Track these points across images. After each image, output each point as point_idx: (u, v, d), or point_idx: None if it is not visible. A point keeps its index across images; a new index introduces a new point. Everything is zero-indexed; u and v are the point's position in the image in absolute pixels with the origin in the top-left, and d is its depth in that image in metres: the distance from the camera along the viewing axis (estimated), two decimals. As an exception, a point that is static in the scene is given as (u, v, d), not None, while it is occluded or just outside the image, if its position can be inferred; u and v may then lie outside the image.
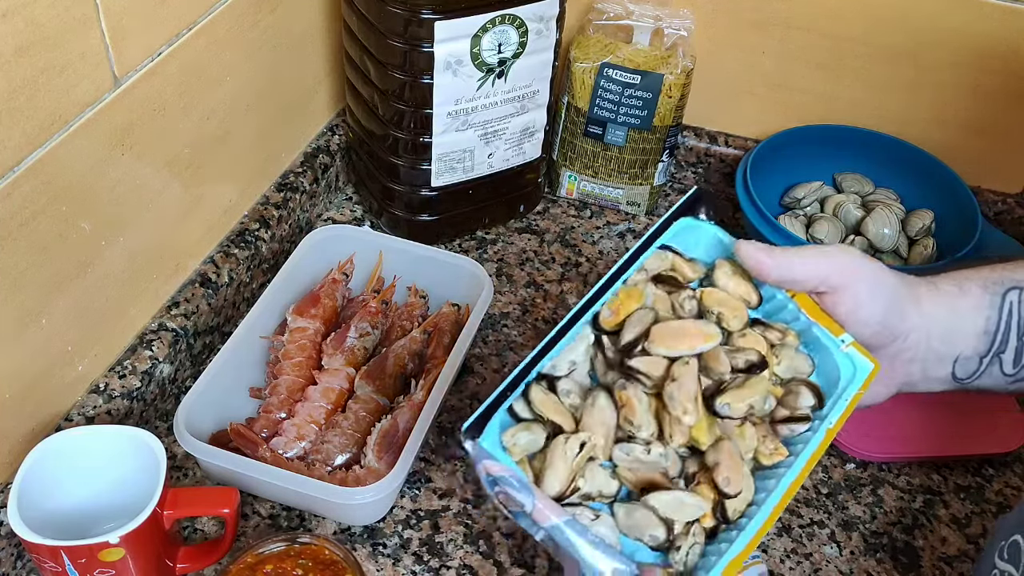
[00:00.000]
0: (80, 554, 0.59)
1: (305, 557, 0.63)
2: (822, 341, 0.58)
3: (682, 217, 0.61)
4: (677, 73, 0.93)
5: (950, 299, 0.61)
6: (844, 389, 0.57)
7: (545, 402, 0.54)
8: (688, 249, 0.62)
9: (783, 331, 0.59)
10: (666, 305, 0.59)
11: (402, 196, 0.93)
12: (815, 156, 0.99)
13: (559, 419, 0.54)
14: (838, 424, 0.56)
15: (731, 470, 0.53)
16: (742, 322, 0.58)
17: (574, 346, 0.57)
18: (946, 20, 0.91)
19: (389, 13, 0.80)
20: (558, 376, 0.56)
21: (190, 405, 0.71)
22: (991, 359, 0.61)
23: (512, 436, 0.53)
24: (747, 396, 0.54)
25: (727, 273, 0.59)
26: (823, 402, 0.57)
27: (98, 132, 0.66)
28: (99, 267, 0.70)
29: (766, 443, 0.55)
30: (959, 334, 0.61)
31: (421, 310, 0.87)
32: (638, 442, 0.54)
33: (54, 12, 0.59)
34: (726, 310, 0.58)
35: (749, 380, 0.55)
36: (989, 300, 0.60)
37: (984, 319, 0.60)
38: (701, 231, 0.62)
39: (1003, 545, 0.55)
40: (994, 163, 0.99)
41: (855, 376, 0.58)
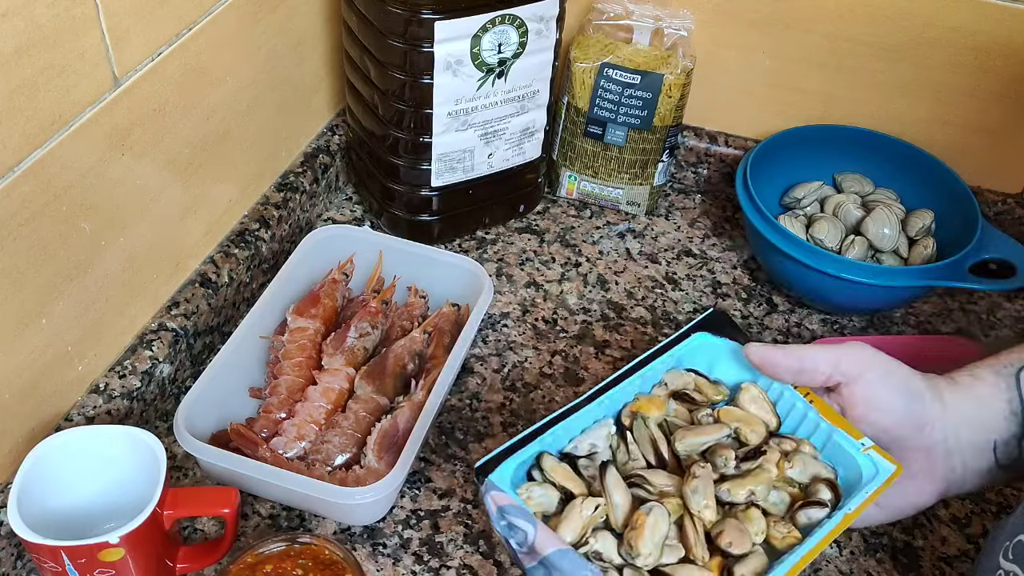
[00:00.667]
0: (80, 554, 0.59)
1: (305, 557, 0.63)
2: (843, 447, 0.60)
3: (700, 331, 0.65)
4: (677, 73, 0.93)
5: (968, 389, 0.62)
6: (867, 486, 0.58)
7: (556, 469, 0.58)
8: (709, 365, 0.66)
9: (798, 441, 0.61)
10: (686, 419, 0.62)
11: (402, 196, 0.93)
12: (815, 156, 0.99)
13: (571, 486, 0.57)
14: (856, 511, 0.57)
15: (734, 536, 0.55)
16: (760, 437, 0.61)
17: (594, 431, 0.61)
18: (946, 20, 0.91)
19: (389, 13, 0.80)
20: (579, 456, 0.60)
21: (190, 405, 0.71)
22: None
23: (527, 490, 0.57)
24: (747, 483, 0.57)
25: (751, 397, 0.63)
26: (840, 498, 0.59)
27: (98, 132, 0.66)
28: (99, 267, 0.70)
29: (778, 527, 0.57)
30: (988, 420, 0.61)
31: (421, 310, 0.87)
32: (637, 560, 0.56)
33: (54, 12, 0.59)
34: (743, 425, 0.61)
35: (749, 472, 0.58)
36: (1005, 383, 0.62)
37: (1006, 402, 0.61)
38: (719, 348, 0.65)
39: (1008, 545, 0.55)
40: (994, 163, 0.99)
41: (877, 475, 0.59)
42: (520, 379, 0.85)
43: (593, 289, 0.94)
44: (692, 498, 0.56)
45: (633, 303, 0.93)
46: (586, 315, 0.91)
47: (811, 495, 0.59)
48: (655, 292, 0.95)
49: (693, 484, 0.57)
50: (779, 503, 0.59)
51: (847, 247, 0.93)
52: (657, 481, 0.58)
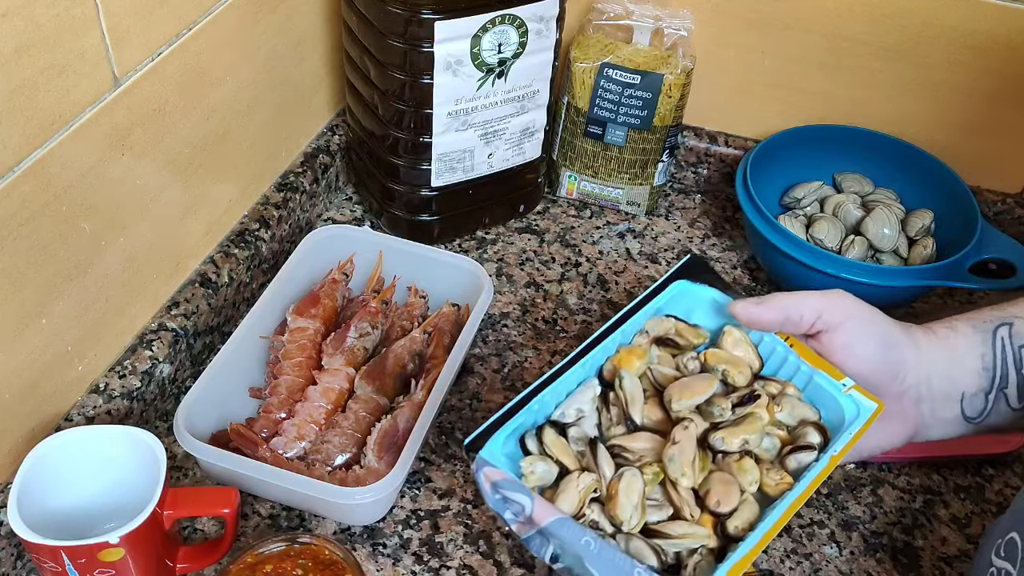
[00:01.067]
0: (80, 554, 0.59)
1: (305, 557, 0.63)
2: (824, 388, 0.62)
3: (678, 280, 0.66)
4: (677, 73, 0.93)
5: (945, 340, 0.64)
6: (850, 426, 0.60)
7: (556, 444, 0.59)
8: (687, 313, 0.66)
9: (783, 383, 0.62)
10: (670, 364, 0.63)
11: (402, 196, 0.93)
12: (815, 156, 0.99)
13: (567, 461, 0.58)
14: (842, 452, 0.59)
15: (721, 493, 0.56)
16: (746, 379, 0.62)
17: (581, 394, 0.61)
18: (946, 20, 0.91)
19: (389, 13, 0.80)
20: (567, 423, 0.60)
21: (190, 405, 0.71)
22: (996, 395, 0.63)
23: (530, 464, 0.58)
24: (740, 432, 0.58)
25: (734, 340, 0.64)
26: (828, 440, 0.60)
27: (98, 132, 0.66)
28: (99, 267, 0.70)
29: (771, 475, 0.58)
30: (959, 372, 0.63)
31: (421, 310, 0.87)
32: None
33: (54, 12, 0.59)
34: (730, 367, 0.62)
35: (744, 419, 0.59)
36: (981, 338, 0.64)
37: (979, 356, 0.63)
38: (697, 294, 0.66)
39: (1000, 543, 0.56)
40: (994, 163, 0.99)
41: (859, 415, 0.60)
42: (520, 379, 0.85)
43: (593, 289, 0.94)
44: (669, 466, 0.57)
45: (633, 303, 0.93)
46: (586, 315, 0.91)
47: (799, 438, 0.60)
48: (655, 292, 0.94)
49: (671, 452, 0.57)
50: (770, 448, 0.60)
51: (847, 247, 0.93)
52: (635, 447, 0.59)
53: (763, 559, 0.73)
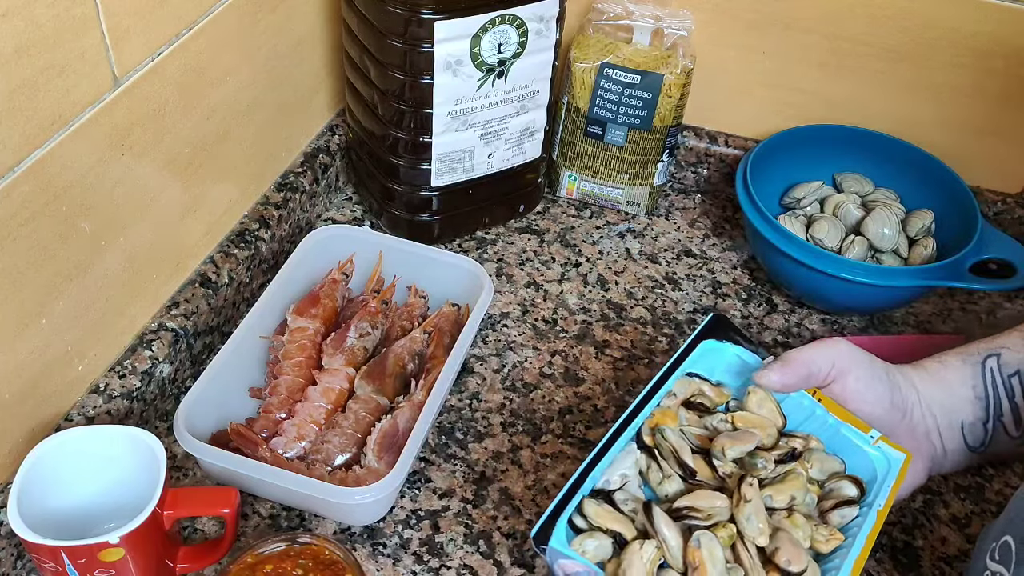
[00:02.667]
0: (80, 554, 0.59)
1: (305, 557, 0.63)
2: (852, 440, 0.63)
3: (704, 340, 0.67)
4: (677, 73, 0.93)
5: (936, 375, 0.66)
6: (884, 479, 0.62)
7: (600, 513, 0.57)
8: (712, 373, 0.67)
9: (806, 438, 0.63)
10: (700, 427, 0.64)
11: (402, 196, 0.93)
12: (815, 156, 0.99)
13: (619, 527, 0.57)
14: (886, 507, 0.60)
15: (791, 552, 0.56)
16: (773, 439, 0.63)
17: (621, 459, 0.61)
18: (946, 20, 0.91)
19: (389, 13, 0.80)
20: (613, 490, 0.59)
21: (190, 405, 0.71)
22: (993, 424, 0.66)
23: (580, 544, 0.56)
24: (787, 489, 0.59)
25: (758, 400, 0.64)
26: (864, 491, 0.61)
27: (98, 132, 0.66)
28: (99, 267, 0.70)
29: (820, 531, 0.59)
30: (955, 402, 0.66)
31: (421, 310, 0.87)
32: None
33: (54, 12, 0.59)
34: (758, 430, 0.63)
35: (787, 476, 0.60)
36: (971, 370, 0.66)
37: (971, 387, 0.66)
38: (723, 352, 0.67)
39: (994, 546, 0.56)
40: (994, 163, 0.99)
41: (890, 467, 0.62)
42: (520, 379, 0.85)
43: (593, 289, 0.94)
44: (747, 525, 0.56)
45: (633, 303, 0.93)
46: (586, 315, 0.91)
47: (832, 491, 0.61)
48: (655, 292, 0.95)
49: (746, 511, 0.57)
50: (811, 504, 0.61)
51: (847, 247, 0.93)
52: (703, 505, 0.58)
53: (763, 559, 0.73)
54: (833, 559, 0.58)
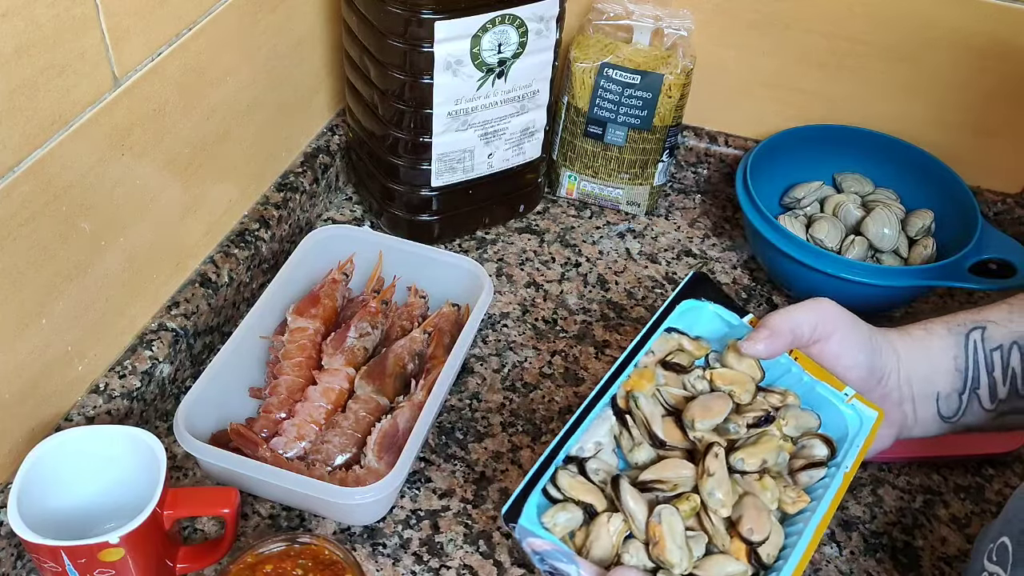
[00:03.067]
0: (80, 554, 0.59)
1: (305, 557, 0.63)
2: (826, 397, 0.64)
3: (684, 300, 0.67)
4: (677, 73, 0.93)
5: (920, 342, 0.67)
6: (855, 437, 0.63)
7: (573, 485, 0.58)
8: (692, 328, 0.68)
9: (783, 393, 0.64)
10: (678, 385, 0.64)
11: (402, 196, 0.93)
12: (815, 156, 0.99)
13: (590, 499, 0.57)
14: (853, 468, 0.61)
15: (754, 520, 0.57)
16: (751, 394, 0.63)
17: (597, 426, 0.61)
18: (946, 20, 0.91)
19: (389, 13, 0.80)
20: (586, 457, 0.59)
21: (190, 405, 0.71)
22: (969, 395, 0.66)
23: (552, 517, 0.57)
24: (759, 452, 0.59)
25: (737, 356, 0.65)
26: (835, 451, 0.62)
27: (98, 132, 0.66)
28: (99, 267, 0.70)
29: (787, 493, 0.60)
30: (934, 373, 0.66)
31: (421, 310, 0.87)
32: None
33: (54, 12, 0.59)
34: (736, 387, 0.63)
35: (760, 437, 0.60)
36: (954, 340, 0.66)
37: (952, 358, 0.66)
38: (703, 311, 0.68)
39: (991, 547, 0.56)
40: (994, 163, 0.99)
41: (862, 425, 0.63)
42: (520, 379, 0.85)
43: (593, 289, 0.94)
44: (710, 500, 0.57)
45: (633, 303, 0.93)
46: (586, 315, 0.91)
47: (804, 448, 0.62)
48: (655, 292, 0.95)
49: (708, 484, 0.57)
50: (782, 463, 0.61)
51: (847, 247, 0.93)
52: (669, 476, 0.58)
53: (763, 559, 0.73)
54: (798, 521, 0.59)
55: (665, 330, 0.66)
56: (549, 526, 0.56)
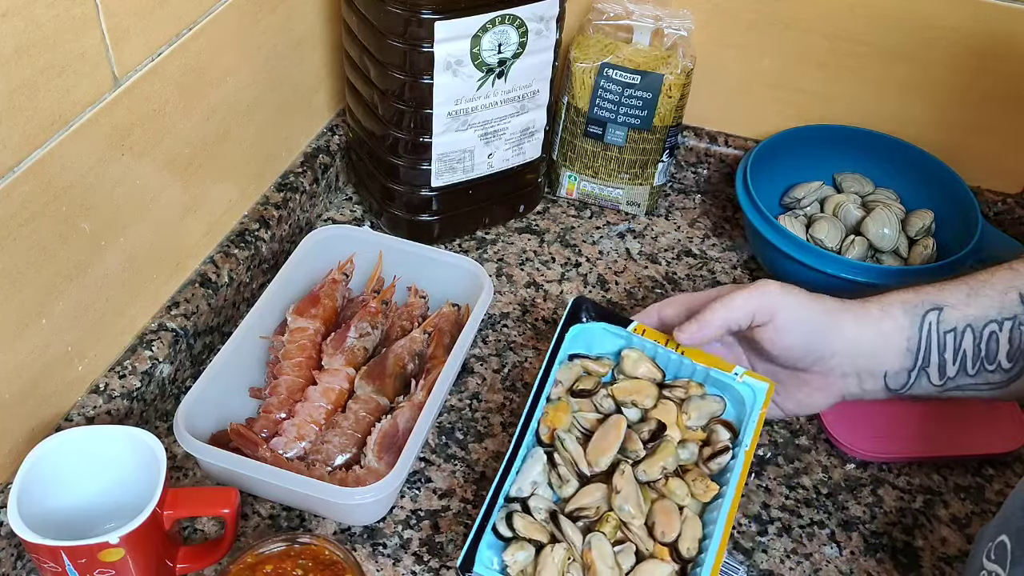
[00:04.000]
0: (80, 554, 0.59)
1: (305, 557, 0.63)
2: (722, 380, 0.70)
3: (571, 326, 0.72)
4: (677, 73, 0.93)
5: (874, 322, 0.68)
6: (751, 411, 0.68)
7: (526, 525, 0.63)
8: (590, 348, 0.73)
9: (685, 385, 0.70)
10: (589, 408, 0.70)
11: (402, 196, 0.93)
12: (815, 156, 0.99)
13: (537, 535, 0.63)
14: (753, 443, 0.67)
15: (664, 523, 0.64)
16: (654, 399, 0.69)
17: (531, 466, 0.66)
18: (946, 20, 0.91)
19: (389, 13, 0.80)
20: (526, 497, 0.65)
21: (190, 405, 0.71)
22: (918, 373, 0.68)
23: (512, 555, 0.63)
24: (658, 461, 0.65)
25: (633, 361, 0.71)
26: (737, 433, 0.68)
27: (98, 132, 0.66)
28: (99, 267, 0.70)
29: (697, 485, 0.66)
30: (883, 353, 0.68)
31: (421, 310, 0.87)
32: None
33: (54, 12, 0.59)
34: (637, 396, 0.69)
35: (656, 448, 0.66)
36: (909, 322, 0.68)
37: (905, 339, 0.67)
38: (591, 330, 0.73)
39: (990, 546, 0.56)
40: (994, 163, 0.99)
41: (756, 397, 0.69)
42: (520, 379, 0.85)
43: (593, 289, 0.94)
44: (621, 512, 0.64)
45: (633, 303, 0.93)
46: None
47: (713, 438, 0.68)
48: (655, 292, 0.95)
49: (617, 501, 0.64)
50: (691, 456, 0.68)
51: (847, 247, 0.93)
52: (589, 502, 0.65)
53: (763, 559, 0.73)
54: (713, 510, 0.64)
55: (568, 358, 0.72)
56: (510, 563, 0.62)
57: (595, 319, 0.73)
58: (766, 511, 0.76)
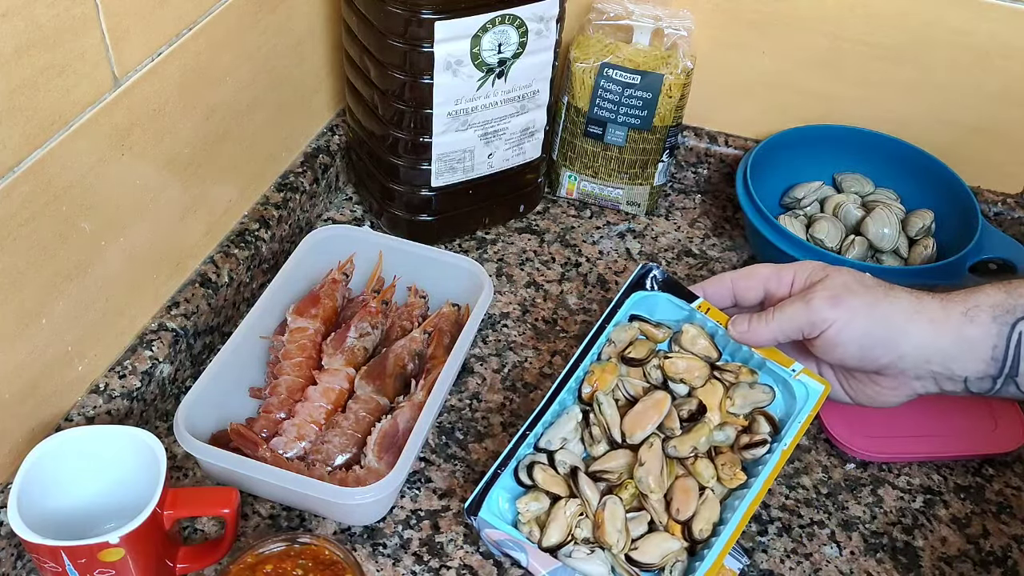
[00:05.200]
0: (80, 554, 0.59)
1: (305, 557, 0.63)
2: (777, 372, 0.69)
3: (635, 291, 0.72)
4: (677, 73, 0.93)
5: (957, 327, 0.63)
6: (800, 411, 0.67)
7: (546, 479, 0.65)
8: (650, 312, 0.73)
9: (736, 370, 0.70)
10: (638, 376, 0.70)
11: (402, 196, 0.93)
12: (815, 156, 0.99)
13: (556, 489, 0.65)
14: (792, 444, 0.66)
15: (681, 501, 0.65)
16: (703, 379, 0.69)
17: (564, 422, 0.68)
18: (946, 20, 0.91)
19: (389, 13, 0.80)
20: (554, 450, 0.67)
21: (190, 405, 0.71)
22: (1004, 380, 0.64)
23: (526, 505, 0.65)
24: (690, 440, 0.66)
25: (691, 337, 0.70)
26: (778, 428, 0.68)
27: (98, 132, 0.66)
28: (99, 267, 0.70)
29: (725, 470, 0.66)
30: (963, 359, 0.64)
31: (421, 310, 0.87)
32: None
33: (54, 12, 0.59)
34: (687, 375, 0.69)
35: (693, 426, 0.67)
36: (997, 330, 0.63)
37: (991, 347, 0.63)
38: (654, 299, 0.72)
39: None
40: (994, 163, 0.99)
41: (808, 398, 0.68)
42: (520, 379, 0.85)
43: (593, 289, 0.94)
44: (640, 484, 0.65)
45: (633, 303, 0.93)
46: (586, 315, 0.91)
47: (753, 427, 0.68)
48: (655, 292, 0.94)
49: (639, 472, 0.65)
50: (727, 439, 0.68)
51: (847, 247, 0.93)
52: (613, 466, 0.66)
53: (763, 559, 0.73)
54: (736, 498, 0.65)
55: (629, 318, 0.71)
56: (522, 511, 0.65)
57: (661, 289, 0.72)
58: (766, 511, 0.76)
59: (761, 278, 0.69)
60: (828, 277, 0.66)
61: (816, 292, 0.65)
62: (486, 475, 0.65)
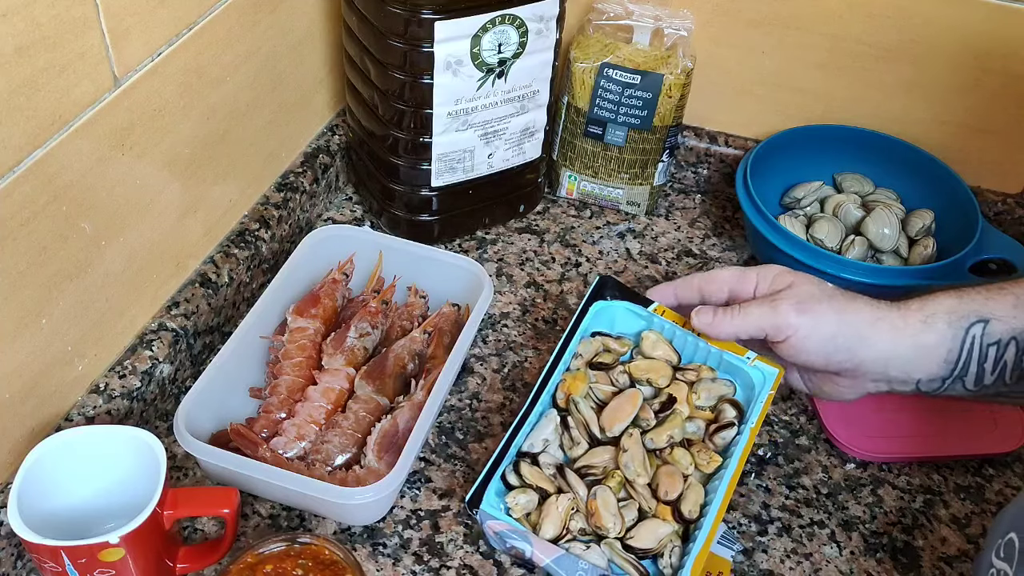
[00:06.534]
0: (80, 554, 0.59)
1: (305, 557, 0.63)
2: (734, 363, 0.73)
3: (595, 302, 0.76)
4: (677, 73, 0.93)
5: (913, 334, 0.66)
6: (759, 393, 0.72)
7: (532, 473, 0.68)
8: (612, 327, 0.77)
9: (697, 369, 0.74)
10: (606, 381, 0.74)
11: (402, 196, 0.93)
12: (815, 156, 0.99)
13: (544, 484, 0.68)
14: (758, 422, 0.70)
15: (667, 484, 0.68)
16: (668, 379, 0.73)
17: (543, 425, 0.71)
18: (946, 20, 0.91)
19: (389, 13, 0.80)
20: (537, 453, 0.70)
21: (190, 405, 0.71)
22: (953, 380, 0.67)
23: (514, 498, 0.67)
24: (665, 431, 0.70)
25: (652, 342, 0.75)
26: (744, 413, 0.72)
27: (98, 132, 0.66)
28: (99, 267, 0.70)
29: (701, 456, 0.69)
30: (919, 363, 0.67)
31: (421, 310, 0.87)
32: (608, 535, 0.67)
33: (54, 12, 0.59)
34: (652, 374, 0.73)
35: (667, 418, 0.71)
36: (952, 334, 0.66)
37: (946, 351, 0.66)
38: (613, 308, 0.77)
39: (1000, 543, 0.56)
40: (994, 163, 0.99)
41: (765, 381, 0.72)
42: (520, 379, 0.85)
43: (593, 289, 0.94)
44: (627, 470, 0.68)
45: (633, 303, 0.93)
46: (586, 315, 0.91)
47: (720, 416, 0.72)
48: (655, 292, 0.94)
49: (624, 459, 0.68)
50: (698, 430, 0.72)
51: (847, 247, 0.93)
52: (597, 461, 0.69)
53: (763, 559, 0.73)
54: (715, 480, 0.68)
55: (591, 335, 0.76)
56: (512, 505, 0.66)
57: (618, 299, 0.77)
58: (766, 511, 0.76)
59: (725, 280, 0.72)
60: (794, 284, 0.69)
61: (783, 298, 0.68)
62: (485, 467, 0.67)
